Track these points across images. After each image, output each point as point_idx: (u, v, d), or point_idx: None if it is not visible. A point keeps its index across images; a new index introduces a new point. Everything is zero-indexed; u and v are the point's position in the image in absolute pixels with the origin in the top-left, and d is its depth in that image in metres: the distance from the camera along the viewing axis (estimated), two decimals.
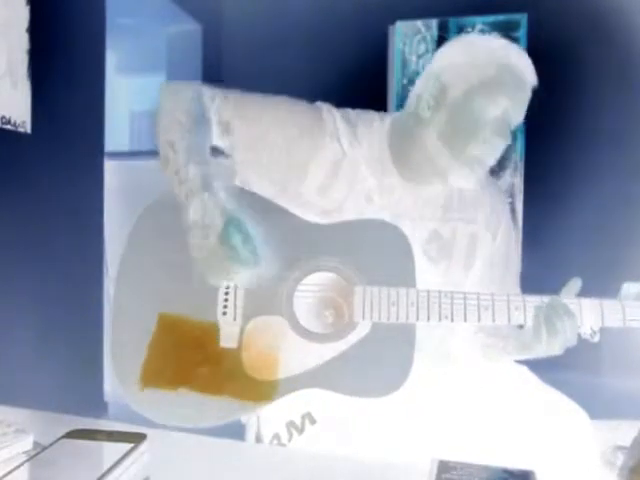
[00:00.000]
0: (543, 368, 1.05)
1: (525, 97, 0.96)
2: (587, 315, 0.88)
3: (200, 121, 0.98)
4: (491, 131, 0.94)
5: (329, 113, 1.03)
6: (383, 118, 1.06)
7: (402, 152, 1.02)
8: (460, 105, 0.95)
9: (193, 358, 0.92)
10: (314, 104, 1.06)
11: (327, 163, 1.00)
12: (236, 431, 0.98)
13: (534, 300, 0.91)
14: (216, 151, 1.02)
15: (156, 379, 0.91)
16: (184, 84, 1.04)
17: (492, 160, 0.98)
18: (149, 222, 1.01)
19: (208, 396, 0.89)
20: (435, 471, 0.54)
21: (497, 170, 3.20)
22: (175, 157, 0.94)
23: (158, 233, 0.98)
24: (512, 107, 0.94)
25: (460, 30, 3.14)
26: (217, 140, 1.01)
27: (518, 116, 0.96)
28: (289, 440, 0.93)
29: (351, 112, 1.07)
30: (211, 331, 0.92)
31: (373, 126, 1.04)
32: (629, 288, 0.90)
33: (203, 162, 0.93)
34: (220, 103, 1.01)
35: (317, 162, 1.00)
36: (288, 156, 1.00)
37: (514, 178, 3.19)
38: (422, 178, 1.02)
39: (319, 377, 0.89)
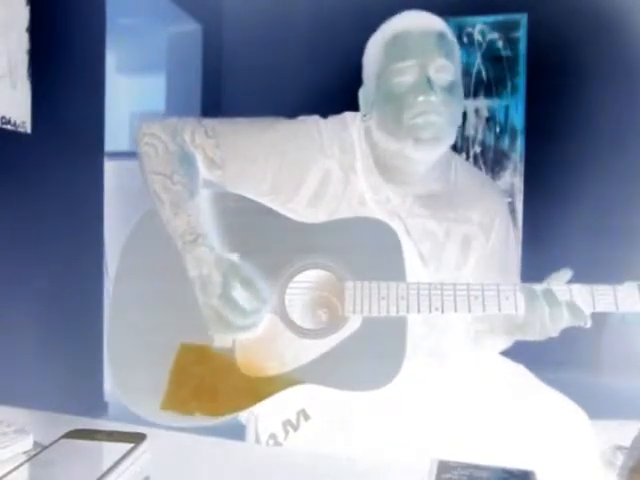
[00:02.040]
0: (542, 367, 1.05)
1: (429, 45, 0.95)
2: (578, 301, 0.89)
3: (184, 160, 0.98)
4: (413, 95, 0.94)
5: (315, 125, 1.03)
6: (366, 120, 1.06)
7: (374, 153, 1.03)
8: (379, 94, 0.99)
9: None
10: (298, 119, 1.05)
11: (318, 177, 1.00)
12: (236, 431, 0.98)
13: (525, 288, 0.91)
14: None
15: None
16: (159, 124, 1.01)
17: (434, 118, 0.94)
18: (147, 226, 1.01)
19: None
20: (435, 471, 0.54)
21: (497, 170, 3.20)
22: (162, 208, 0.95)
23: (156, 237, 0.98)
24: (421, 63, 0.94)
25: (460, 30, 3.15)
26: (205, 174, 1.01)
27: (436, 65, 0.94)
28: (285, 439, 0.93)
29: (337, 117, 1.07)
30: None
31: (360, 128, 1.04)
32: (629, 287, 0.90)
33: (190, 211, 0.93)
34: (201, 139, 1.00)
35: (309, 178, 1.00)
36: (280, 178, 1.00)
37: (514, 178, 3.20)
38: (397, 175, 1.02)
39: (312, 372, 0.90)
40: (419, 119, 0.94)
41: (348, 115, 1.07)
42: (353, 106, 1.10)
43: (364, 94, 1.04)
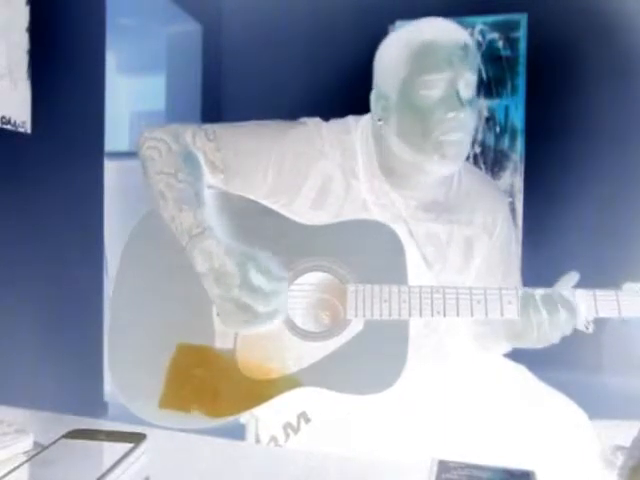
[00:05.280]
0: (543, 367, 1.05)
1: (459, 59, 0.93)
2: (581, 305, 0.88)
3: (188, 159, 0.97)
4: (442, 110, 0.92)
5: (316, 128, 1.02)
6: (381, 125, 1.05)
7: (382, 158, 1.02)
8: (401, 103, 0.96)
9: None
10: (300, 121, 1.04)
11: (319, 180, 1.00)
12: (236, 433, 0.98)
13: (527, 292, 0.91)
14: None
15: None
16: (161, 129, 1.01)
17: (461, 135, 0.94)
18: (148, 226, 1.01)
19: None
20: (435, 471, 0.54)
21: (497, 170, 3.20)
22: (166, 206, 0.94)
23: (156, 238, 0.98)
24: (451, 77, 0.92)
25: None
26: (207, 178, 1.00)
27: (465, 80, 0.93)
28: (285, 441, 0.93)
29: (339, 121, 1.06)
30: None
31: (364, 132, 1.04)
32: (630, 288, 0.90)
33: (196, 207, 0.92)
34: (202, 142, 1.00)
35: (309, 181, 1.00)
36: (280, 181, 0.99)
37: (514, 178, 3.19)
38: (405, 181, 1.02)
39: (314, 375, 0.90)
40: (448, 136, 0.93)
41: (351, 119, 1.06)
42: (354, 106, 1.10)
43: (378, 98, 1.00)
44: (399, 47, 0.96)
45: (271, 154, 0.99)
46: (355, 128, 1.04)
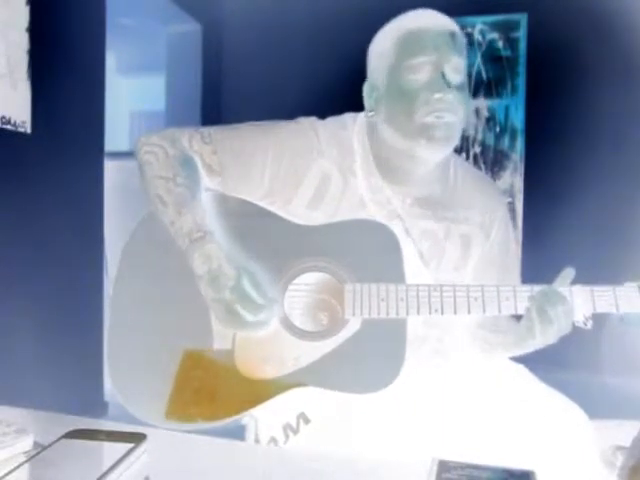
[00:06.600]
0: (543, 367, 1.05)
1: (445, 43, 0.94)
2: (578, 302, 0.89)
3: (185, 163, 0.97)
4: (429, 91, 0.93)
5: (311, 127, 1.02)
6: (371, 116, 1.05)
7: (376, 151, 1.02)
8: (389, 89, 0.97)
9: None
10: (295, 121, 1.04)
11: (316, 179, 1.00)
12: (236, 432, 0.98)
13: (524, 289, 0.91)
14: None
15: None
16: (157, 135, 1.01)
17: (448, 117, 0.93)
18: (148, 228, 1.00)
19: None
20: (435, 471, 0.54)
21: (497, 170, 3.20)
22: (165, 210, 0.94)
23: (156, 239, 0.98)
24: (436, 60, 0.93)
25: (460, 30, 3.15)
26: (204, 181, 1.00)
27: (452, 64, 0.94)
28: (285, 442, 0.93)
29: (336, 118, 1.06)
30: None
31: (361, 128, 1.04)
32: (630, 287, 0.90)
33: (196, 210, 0.92)
34: (199, 145, 1.00)
35: (307, 181, 1.00)
36: (277, 181, 0.99)
37: (514, 178, 3.19)
38: (399, 175, 1.02)
39: (312, 375, 0.90)
40: (433, 117, 0.93)
41: (348, 116, 1.06)
42: (354, 106, 1.10)
43: (369, 89, 1.02)
44: (386, 36, 0.99)
45: (268, 155, 0.99)
46: (352, 125, 1.04)
